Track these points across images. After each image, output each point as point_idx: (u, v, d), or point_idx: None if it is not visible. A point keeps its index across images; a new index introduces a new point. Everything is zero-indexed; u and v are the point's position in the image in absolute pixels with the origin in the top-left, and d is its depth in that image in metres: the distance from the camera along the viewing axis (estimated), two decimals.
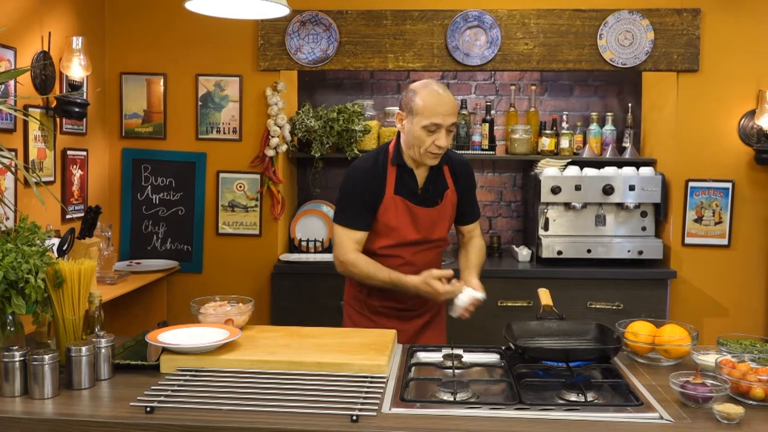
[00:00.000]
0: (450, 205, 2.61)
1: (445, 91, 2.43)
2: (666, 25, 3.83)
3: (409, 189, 2.54)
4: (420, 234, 2.56)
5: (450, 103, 2.41)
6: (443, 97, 2.41)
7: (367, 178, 2.53)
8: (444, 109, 2.39)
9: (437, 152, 2.44)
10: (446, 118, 2.39)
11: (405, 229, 2.54)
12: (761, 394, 1.73)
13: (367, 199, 2.51)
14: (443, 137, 2.41)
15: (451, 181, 2.60)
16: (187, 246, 4.08)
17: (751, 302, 3.92)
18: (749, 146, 3.85)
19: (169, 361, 1.96)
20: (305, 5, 3.91)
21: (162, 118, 4.04)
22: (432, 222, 2.57)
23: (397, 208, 2.52)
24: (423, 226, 2.56)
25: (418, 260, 2.57)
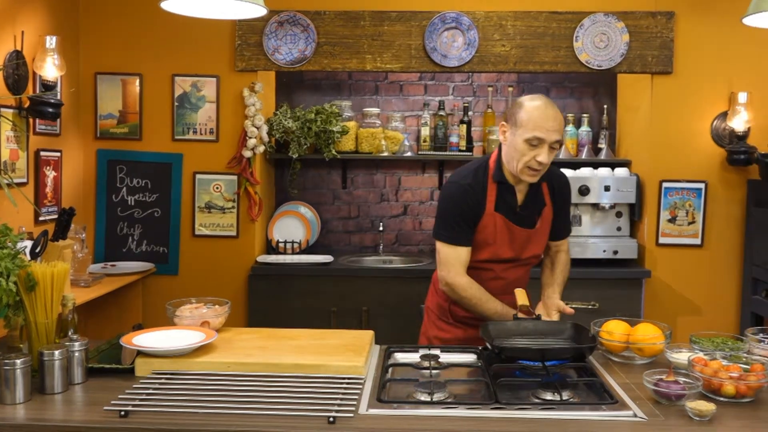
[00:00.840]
0: (546, 223, 2.56)
1: (553, 107, 2.35)
2: (640, 27, 3.87)
3: (509, 206, 2.47)
4: (514, 252, 2.51)
5: (556, 119, 2.33)
6: (549, 112, 2.33)
7: (468, 195, 2.46)
8: (549, 125, 2.31)
9: (537, 168, 2.35)
10: (550, 134, 2.31)
11: (501, 247, 2.50)
12: (732, 390, 1.76)
13: (469, 216, 2.46)
14: (545, 153, 2.32)
15: (549, 198, 2.54)
16: (163, 248, 4.04)
17: (723, 301, 3.98)
18: (721, 147, 3.90)
19: (144, 364, 1.94)
20: (283, 5, 3.90)
21: (138, 118, 4.00)
22: (528, 241, 2.52)
23: (495, 225, 2.47)
24: (519, 245, 2.51)
25: (509, 275, 2.56)
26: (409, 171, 4.52)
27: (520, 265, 2.57)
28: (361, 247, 4.53)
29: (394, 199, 4.54)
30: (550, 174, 2.52)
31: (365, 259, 4.26)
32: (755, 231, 3.76)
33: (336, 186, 4.53)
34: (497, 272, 2.53)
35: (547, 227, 2.57)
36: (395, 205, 4.54)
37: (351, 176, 4.52)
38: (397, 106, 4.51)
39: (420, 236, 4.52)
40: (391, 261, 4.26)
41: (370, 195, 4.53)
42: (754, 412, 1.72)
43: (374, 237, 4.50)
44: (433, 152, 4.23)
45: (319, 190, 4.53)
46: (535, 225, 2.51)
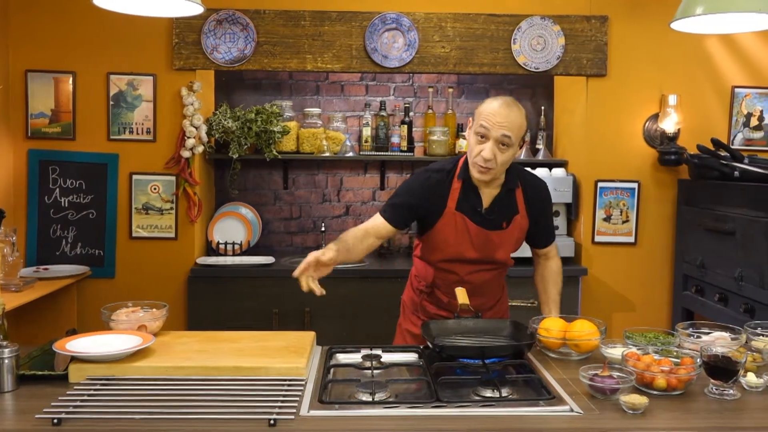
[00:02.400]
0: (518, 231, 2.52)
1: (508, 106, 2.30)
2: (576, 31, 3.97)
3: (472, 206, 2.44)
4: (477, 254, 2.48)
5: (504, 116, 2.28)
6: (501, 109, 2.29)
7: (433, 186, 2.45)
8: (496, 119, 2.28)
9: (483, 165, 2.32)
10: (494, 127, 2.27)
11: (462, 247, 2.46)
12: (663, 384, 1.82)
13: (422, 206, 2.44)
14: (488, 149, 2.29)
15: (523, 206, 2.50)
16: (98, 250, 3.94)
17: (655, 297, 4.11)
18: (653, 148, 4.03)
19: (78, 370, 1.89)
20: (222, 4, 3.85)
21: (71, 117, 3.89)
22: (493, 244, 2.48)
23: (456, 224, 2.44)
24: (482, 247, 2.48)
25: (475, 279, 2.53)
26: (350, 171, 4.52)
27: (486, 270, 2.54)
28: (303, 247, 4.51)
29: (335, 199, 4.53)
30: (526, 181, 2.53)
31: None
32: (685, 229, 3.90)
33: (277, 186, 4.49)
34: (461, 275, 2.52)
35: (519, 235, 2.54)
36: (337, 206, 4.53)
37: (292, 177, 4.49)
38: (339, 106, 4.50)
39: None
40: None
41: (311, 195, 4.52)
42: (684, 404, 1.78)
43: (316, 237, 4.48)
44: (374, 152, 4.24)
45: (260, 190, 4.49)
46: (501, 228, 2.48)
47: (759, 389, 1.88)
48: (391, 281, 3.79)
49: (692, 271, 3.79)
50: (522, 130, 2.33)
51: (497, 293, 2.69)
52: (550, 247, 2.66)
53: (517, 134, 2.30)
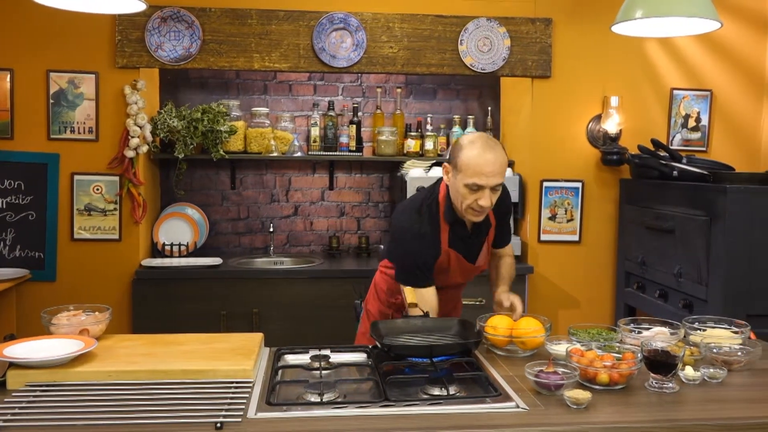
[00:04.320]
0: (490, 239, 2.62)
1: (492, 151, 2.28)
2: (521, 33, 4.03)
3: (461, 239, 2.49)
4: (464, 278, 2.65)
5: (495, 163, 2.27)
6: (488, 157, 2.27)
7: (423, 242, 2.44)
8: (488, 170, 2.26)
9: (479, 210, 2.34)
10: (489, 179, 2.27)
11: (454, 277, 2.58)
12: (606, 379, 1.86)
13: (428, 262, 2.45)
14: (486, 197, 2.30)
15: (494, 218, 2.58)
16: (38, 253, 3.82)
17: (599, 294, 4.21)
18: (596, 148, 4.13)
19: (17, 376, 1.83)
20: (166, 1, 3.79)
21: (9, 116, 3.77)
22: (477, 267, 2.61)
23: (450, 259, 2.50)
24: (469, 273, 2.62)
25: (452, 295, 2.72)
26: (299, 171, 4.50)
27: (462, 285, 2.74)
28: (251, 248, 4.47)
29: (284, 199, 4.50)
30: None
31: (256, 261, 4.20)
32: (627, 227, 4.00)
33: (224, 187, 4.44)
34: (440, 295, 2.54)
35: (490, 242, 2.64)
36: (286, 206, 4.50)
37: (240, 177, 4.44)
38: (287, 106, 4.48)
39: (311, 236, 4.51)
40: (282, 262, 4.23)
41: (259, 195, 4.48)
42: (626, 398, 1.83)
43: (265, 238, 4.45)
44: (323, 152, 4.23)
45: (206, 190, 4.43)
46: (481, 248, 2.58)
47: (696, 382, 1.95)
48: (340, 281, 3.79)
49: (634, 269, 3.89)
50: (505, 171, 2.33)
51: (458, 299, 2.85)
52: (507, 247, 2.77)
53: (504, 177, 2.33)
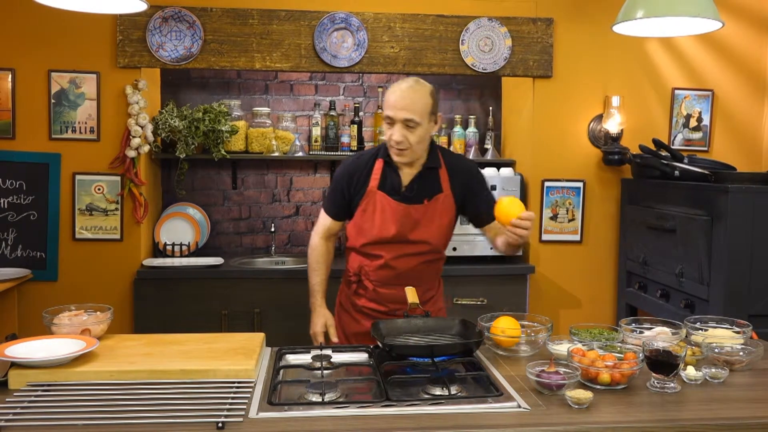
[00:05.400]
0: (442, 210, 2.55)
1: (410, 88, 2.40)
2: (522, 33, 4.03)
3: (393, 186, 2.52)
4: (396, 230, 2.51)
5: (405, 97, 2.38)
6: (401, 91, 2.39)
7: (354, 168, 2.58)
8: (397, 103, 2.38)
9: (395, 147, 2.42)
10: (397, 112, 2.37)
11: (383, 225, 2.52)
12: (607, 378, 1.86)
13: (345, 190, 2.55)
14: (396, 131, 2.39)
15: (448, 185, 2.54)
16: (40, 253, 3.83)
17: (601, 293, 4.20)
18: (597, 148, 4.12)
19: (19, 376, 1.83)
20: (167, 1, 3.79)
21: (10, 116, 3.77)
22: (411, 219, 2.51)
23: (376, 203, 2.51)
24: (401, 223, 2.51)
25: (400, 266, 2.55)
26: (300, 171, 4.50)
27: (411, 255, 2.56)
28: (252, 248, 4.47)
29: (285, 199, 4.50)
30: (451, 161, 2.59)
31: (257, 261, 4.21)
32: (628, 227, 4.00)
33: (226, 186, 4.44)
34: (386, 259, 2.55)
35: (443, 214, 2.56)
36: (287, 206, 4.50)
37: (241, 176, 4.44)
38: (288, 105, 4.48)
39: None
40: (283, 262, 4.23)
41: (261, 195, 4.48)
42: (627, 397, 1.83)
43: (266, 238, 4.45)
44: (324, 152, 4.23)
45: (208, 190, 4.43)
46: (421, 203, 2.52)
47: (698, 382, 1.95)
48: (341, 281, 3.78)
49: (635, 268, 3.89)
50: (426, 107, 2.41)
51: (428, 286, 2.68)
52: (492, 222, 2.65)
53: (421, 114, 2.40)
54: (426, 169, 2.54)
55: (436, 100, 2.47)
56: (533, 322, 2.31)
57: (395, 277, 2.55)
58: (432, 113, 2.46)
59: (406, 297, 2.46)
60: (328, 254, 2.75)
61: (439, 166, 2.55)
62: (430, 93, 2.45)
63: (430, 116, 2.45)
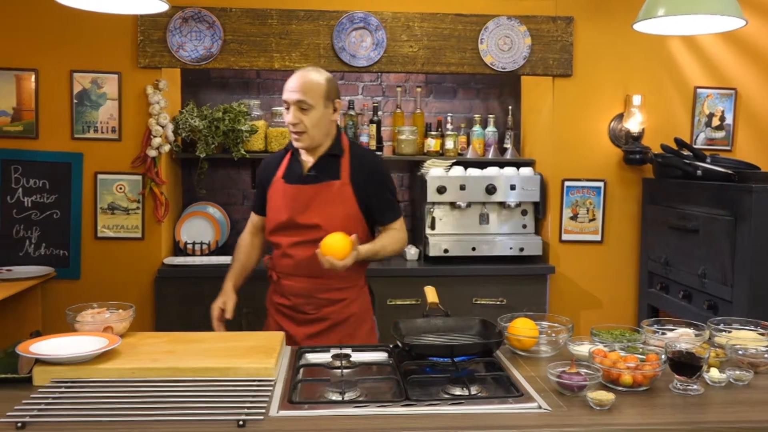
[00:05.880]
0: (336, 197, 2.51)
1: (306, 73, 2.49)
2: (542, 31, 4.01)
3: (296, 173, 2.58)
4: (288, 215, 2.54)
5: (297, 80, 2.47)
6: (296, 76, 2.49)
7: (268, 162, 2.71)
8: (290, 86, 2.47)
9: (292, 130, 2.51)
10: (290, 94, 2.47)
11: (277, 210, 2.59)
12: (629, 380, 1.85)
13: (264, 184, 2.65)
14: (291, 114, 2.48)
15: (347, 174, 2.54)
16: (63, 251, 3.87)
17: (622, 294, 4.17)
18: (618, 147, 4.09)
19: (43, 372, 1.85)
20: (187, 2, 3.81)
21: (33, 116, 3.82)
22: (303, 203, 2.52)
23: (278, 191, 2.59)
24: (291, 206, 2.54)
25: (297, 253, 2.54)
26: None
27: (307, 243, 2.49)
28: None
29: None
30: (354, 152, 2.60)
31: None
32: (650, 227, 3.97)
33: (245, 186, 4.46)
34: (284, 247, 2.58)
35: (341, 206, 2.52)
36: None
37: None
38: None
39: None
40: None
41: None
42: (650, 399, 1.81)
43: None
44: None
45: (228, 190, 4.45)
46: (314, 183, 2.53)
47: (722, 384, 1.92)
48: None
49: (657, 269, 3.86)
50: (319, 90, 2.47)
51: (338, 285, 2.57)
52: (392, 224, 2.64)
53: (313, 96, 2.46)
54: (327, 155, 2.57)
55: (333, 86, 2.53)
56: (554, 322, 2.29)
57: (294, 266, 2.54)
58: (327, 98, 2.50)
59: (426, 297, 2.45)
60: (251, 247, 2.83)
61: (341, 154, 2.58)
62: (326, 79, 2.52)
63: (326, 101, 2.50)
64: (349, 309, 2.62)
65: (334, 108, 2.55)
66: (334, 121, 2.58)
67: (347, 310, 2.61)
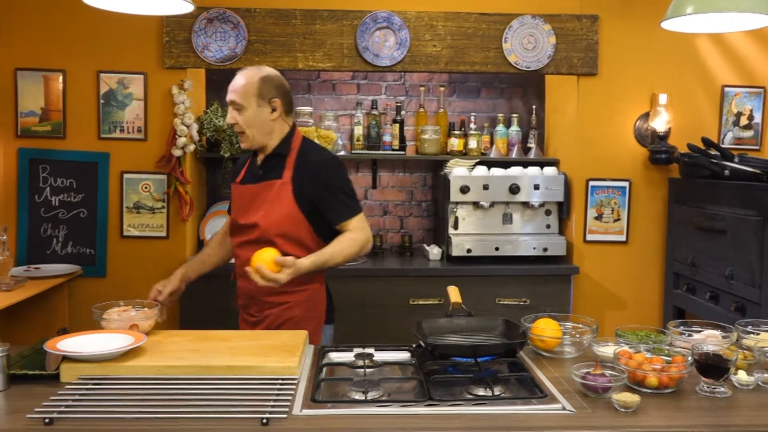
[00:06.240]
0: (275, 197, 2.47)
1: (242, 72, 2.52)
2: (567, 30, 3.98)
3: (251, 174, 2.62)
4: (234, 214, 2.61)
5: (234, 81, 2.50)
6: (235, 78, 2.53)
7: (236, 163, 2.81)
8: (229, 87, 2.52)
9: (235, 131, 2.56)
10: (229, 95, 2.50)
11: (232, 211, 2.67)
12: (655, 382, 1.83)
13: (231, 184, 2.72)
14: (229, 114, 2.52)
15: (290, 173, 2.49)
16: (89, 249, 3.92)
17: (647, 295, 4.13)
18: (644, 147, 4.05)
19: (70, 369, 1.88)
20: (212, 3, 3.84)
21: (61, 116, 3.87)
22: (245, 203, 2.54)
23: (233, 191, 2.66)
24: (237, 205, 2.60)
25: (242, 254, 2.53)
26: None
27: (249, 243, 2.48)
28: None
29: None
30: (302, 151, 2.55)
31: None
32: (676, 228, 3.92)
33: None
34: (235, 248, 2.62)
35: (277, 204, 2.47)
36: None
37: None
38: (330, 105, 4.50)
39: None
40: None
41: None
42: (676, 402, 1.79)
43: None
44: (366, 151, 4.24)
45: None
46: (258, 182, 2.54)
47: (749, 387, 1.89)
48: (383, 280, 3.79)
49: (683, 270, 3.81)
50: (250, 90, 2.47)
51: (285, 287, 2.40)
52: (345, 224, 2.53)
53: (243, 96, 2.47)
54: (273, 155, 2.55)
55: (269, 85, 2.49)
56: (578, 323, 2.28)
57: (240, 267, 2.54)
58: (260, 97, 2.47)
59: (449, 297, 2.45)
60: (218, 245, 2.84)
61: (287, 153, 2.53)
62: (261, 78, 2.48)
63: (259, 100, 2.47)
64: (289, 312, 2.53)
65: (273, 108, 2.50)
66: (274, 121, 2.52)
67: (287, 313, 2.53)
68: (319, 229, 2.53)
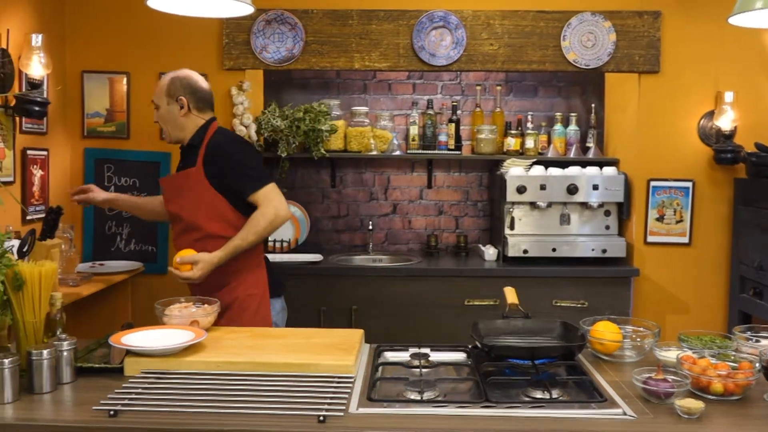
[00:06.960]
0: (192, 184, 2.64)
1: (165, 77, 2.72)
2: (627, 27, 3.89)
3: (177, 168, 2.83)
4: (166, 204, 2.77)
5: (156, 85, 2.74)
6: None
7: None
8: None
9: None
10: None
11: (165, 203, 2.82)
12: (720, 389, 1.77)
13: None
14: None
15: (201, 160, 2.65)
16: (151, 247, 4.02)
17: (711, 299, 4.01)
18: (708, 146, 3.93)
19: (133, 363, 1.93)
20: (270, 4, 3.89)
21: (125, 117, 3.98)
22: (168, 194, 2.75)
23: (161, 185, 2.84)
24: (167, 196, 2.76)
25: (178, 245, 2.68)
26: (398, 170, 4.52)
27: (181, 234, 2.70)
28: (350, 246, 4.53)
29: (383, 197, 4.53)
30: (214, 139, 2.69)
31: (355, 258, 4.26)
32: (742, 230, 3.79)
33: (325, 185, 4.52)
34: (174, 240, 2.77)
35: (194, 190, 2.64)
36: (384, 204, 4.53)
37: (340, 175, 4.51)
38: (386, 104, 4.51)
39: (409, 235, 4.52)
40: (380, 260, 4.26)
41: (359, 194, 4.53)
42: (743, 409, 1.73)
43: (363, 236, 4.49)
44: (421, 151, 4.23)
45: (308, 189, 4.52)
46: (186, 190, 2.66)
47: None
48: (438, 280, 3.79)
49: (750, 273, 3.68)
50: (162, 90, 2.70)
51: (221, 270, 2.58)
52: (256, 196, 2.61)
53: (158, 96, 2.72)
54: (188, 146, 2.73)
55: (177, 84, 2.69)
56: (638, 326, 2.23)
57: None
58: (169, 96, 2.69)
59: (505, 298, 2.42)
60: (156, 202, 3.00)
61: (200, 144, 2.68)
62: (171, 78, 2.70)
63: (168, 98, 2.69)
64: (234, 293, 2.67)
65: (181, 105, 2.69)
66: (185, 117, 2.71)
67: (231, 294, 2.66)
68: (240, 207, 2.66)
